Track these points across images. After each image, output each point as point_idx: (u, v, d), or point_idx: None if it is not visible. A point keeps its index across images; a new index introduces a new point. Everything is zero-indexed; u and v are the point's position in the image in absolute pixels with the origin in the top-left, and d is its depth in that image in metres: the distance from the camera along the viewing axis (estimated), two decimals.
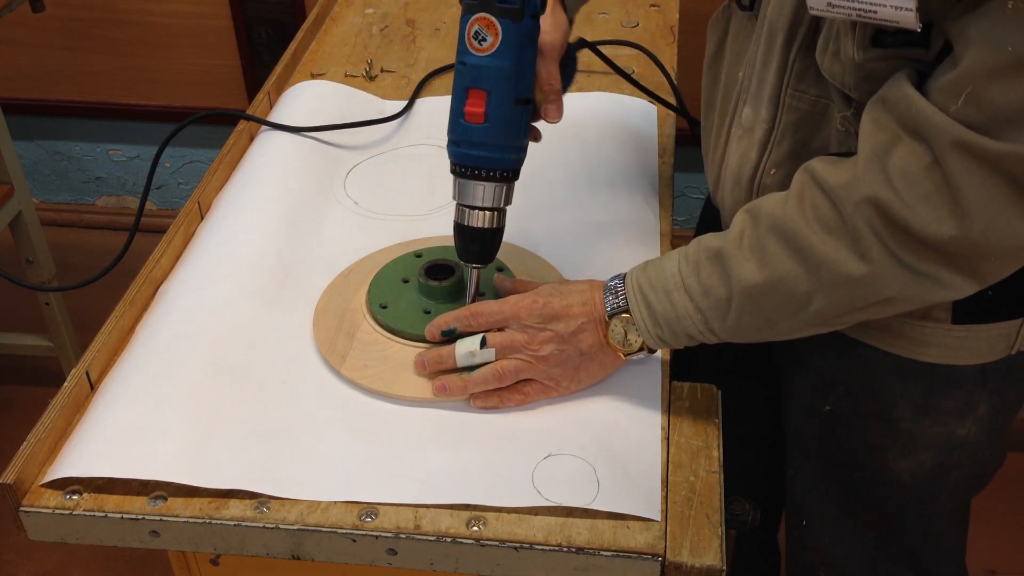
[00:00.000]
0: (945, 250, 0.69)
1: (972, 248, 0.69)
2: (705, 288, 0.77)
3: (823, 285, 0.73)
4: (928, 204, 0.67)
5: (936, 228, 0.68)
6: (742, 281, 0.75)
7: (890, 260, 0.70)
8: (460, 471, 0.77)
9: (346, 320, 0.91)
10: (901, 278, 0.71)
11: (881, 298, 0.73)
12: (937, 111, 0.66)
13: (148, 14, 2.19)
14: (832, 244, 0.71)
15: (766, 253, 0.74)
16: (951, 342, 0.87)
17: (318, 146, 1.17)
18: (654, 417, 0.82)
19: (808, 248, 0.72)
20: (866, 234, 0.70)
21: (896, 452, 0.95)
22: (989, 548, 1.77)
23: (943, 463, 0.95)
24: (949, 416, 0.91)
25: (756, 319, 0.77)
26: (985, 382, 0.89)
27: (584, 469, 0.77)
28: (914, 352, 0.88)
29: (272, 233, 1.01)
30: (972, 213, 0.66)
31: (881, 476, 0.97)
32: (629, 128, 1.20)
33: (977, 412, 0.91)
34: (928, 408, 0.91)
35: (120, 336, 0.92)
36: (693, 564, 0.72)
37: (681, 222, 2.34)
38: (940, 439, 0.93)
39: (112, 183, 2.53)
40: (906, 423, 0.92)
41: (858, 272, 0.71)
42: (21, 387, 2.13)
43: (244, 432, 0.80)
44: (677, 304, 0.78)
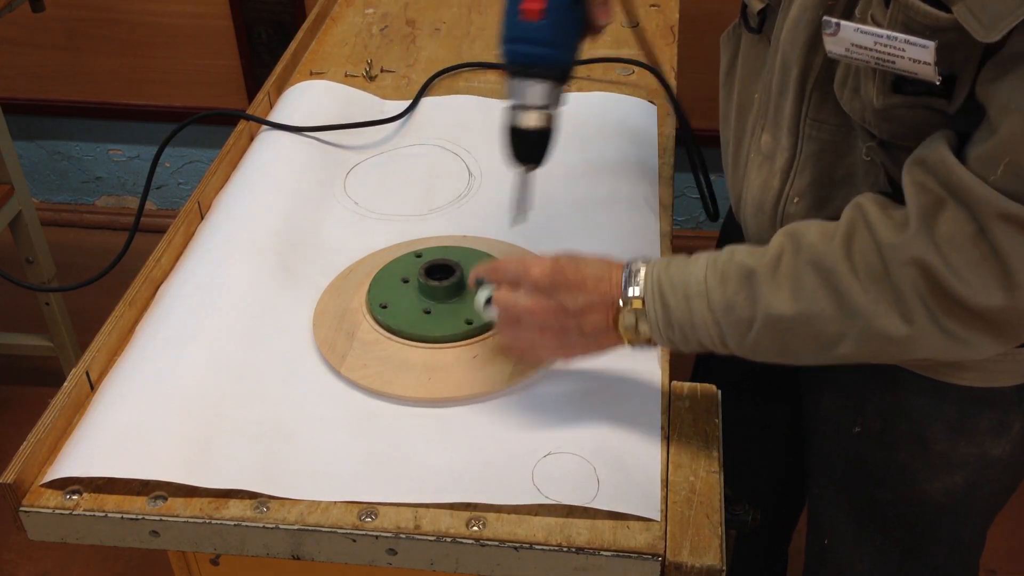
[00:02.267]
0: (991, 319, 0.68)
1: (1019, 316, 0.68)
2: (729, 304, 0.74)
3: (856, 333, 0.71)
4: (976, 273, 0.67)
5: (984, 298, 0.67)
6: (770, 309, 0.73)
7: (931, 324, 0.69)
8: (460, 470, 0.77)
9: (346, 320, 0.91)
10: (939, 342, 0.70)
11: (911, 356, 0.72)
12: (978, 181, 0.65)
13: (148, 14, 2.19)
14: (874, 296, 0.70)
15: (802, 287, 0.72)
16: (989, 365, 0.85)
17: (318, 146, 1.17)
18: (654, 417, 0.82)
19: (848, 293, 0.70)
20: (911, 296, 0.69)
21: (928, 473, 0.93)
22: (989, 548, 1.76)
23: (976, 481, 0.93)
24: (984, 436, 0.90)
25: (776, 347, 0.75)
26: (1021, 399, 0.88)
27: (584, 468, 0.77)
28: (951, 376, 0.87)
29: (272, 233, 1.01)
30: (1021, 283, 0.66)
31: (912, 496, 0.95)
32: (629, 128, 1.20)
33: (1012, 431, 0.90)
34: (963, 429, 0.90)
35: (120, 336, 0.92)
36: (693, 564, 0.72)
37: (681, 222, 2.34)
38: (974, 458, 0.91)
39: (112, 183, 2.53)
40: (940, 444, 0.91)
41: (897, 332, 0.70)
42: (21, 387, 2.13)
43: (244, 432, 0.80)
44: (696, 312, 0.75)
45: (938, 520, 0.97)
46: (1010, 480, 0.97)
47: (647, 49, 1.10)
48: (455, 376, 0.85)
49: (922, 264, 0.68)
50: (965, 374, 0.86)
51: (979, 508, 0.98)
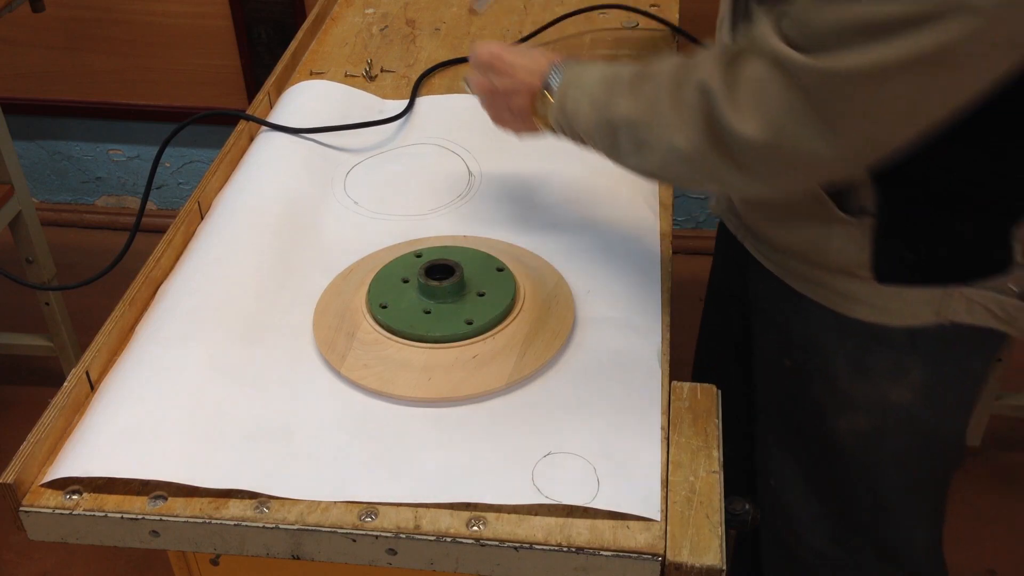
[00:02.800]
0: (747, 151, 0.74)
1: (767, 152, 0.74)
2: (598, 102, 0.85)
3: (654, 141, 0.80)
4: (743, 106, 0.73)
5: (742, 127, 0.73)
6: (619, 108, 0.83)
7: (707, 144, 0.76)
8: (460, 470, 0.78)
9: (346, 320, 0.91)
10: (715, 165, 0.77)
11: (700, 177, 0.81)
12: (770, 31, 0.72)
13: (148, 14, 2.19)
14: (669, 105, 0.78)
15: (649, 95, 0.81)
16: (878, 301, 0.92)
17: (318, 146, 1.17)
18: (654, 417, 0.82)
19: (658, 102, 0.79)
20: (695, 111, 0.76)
21: (836, 409, 0.99)
22: (989, 548, 1.77)
23: (879, 427, 0.98)
24: (881, 377, 0.95)
25: (616, 148, 0.86)
26: (915, 347, 0.93)
27: (584, 468, 0.77)
28: (847, 308, 0.93)
29: (272, 233, 1.01)
30: (771, 118, 0.72)
31: (826, 433, 1.01)
32: None
33: (910, 377, 0.95)
34: (861, 366, 0.96)
35: (120, 336, 0.92)
36: (693, 564, 0.72)
37: (681, 222, 2.34)
38: (874, 400, 0.97)
39: (112, 183, 2.54)
40: (843, 380, 0.97)
41: (680, 144, 0.78)
42: (21, 387, 2.13)
43: (244, 432, 0.81)
44: (580, 106, 0.87)
45: (851, 465, 1.02)
46: (923, 442, 1.00)
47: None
48: (455, 376, 0.85)
49: (704, 88, 0.75)
50: (858, 307, 0.93)
51: (891, 463, 1.01)
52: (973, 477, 1.89)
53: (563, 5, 1.49)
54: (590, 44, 1.38)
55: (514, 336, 0.88)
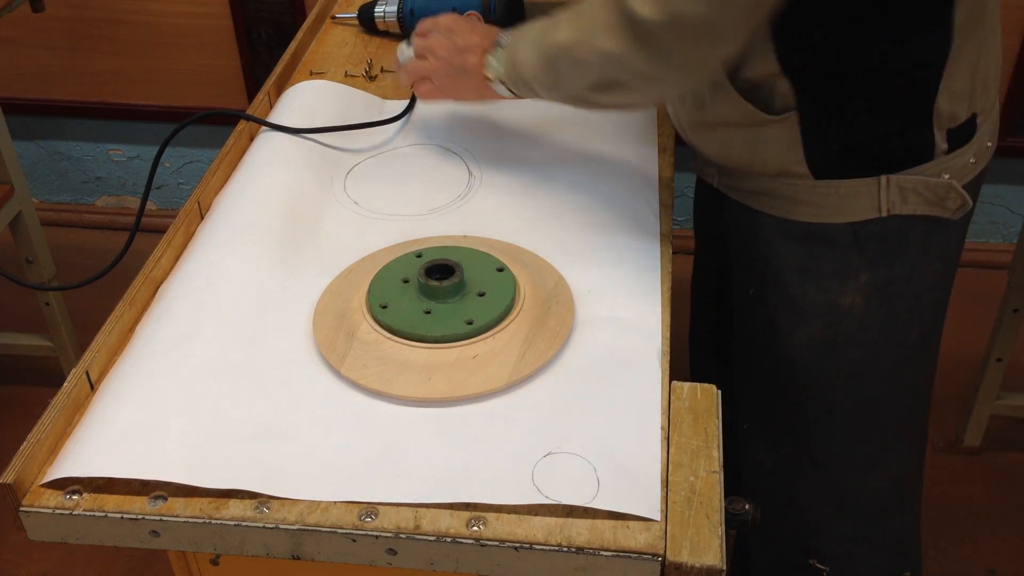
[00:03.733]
0: (651, 31, 0.82)
1: (666, 28, 0.81)
2: (539, 43, 0.95)
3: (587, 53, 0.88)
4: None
5: (643, 10, 0.81)
6: (553, 39, 0.92)
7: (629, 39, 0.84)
8: (460, 470, 0.78)
9: (346, 320, 0.91)
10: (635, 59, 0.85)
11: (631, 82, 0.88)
12: None
13: (148, 14, 2.19)
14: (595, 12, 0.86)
15: (580, 17, 0.89)
16: (817, 199, 0.97)
17: (318, 146, 1.17)
18: (654, 417, 0.82)
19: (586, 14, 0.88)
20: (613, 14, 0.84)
21: (789, 323, 1.03)
22: (989, 548, 1.77)
23: (832, 338, 1.01)
24: (830, 281, 0.99)
25: (555, 77, 0.94)
26: (860, 246, 0.97)
27: (584, 468, 0.77)
28: (790, 211, 0.99)
29: (272, 233, 1.01)
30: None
31: (782, 352, 1.04)
32: (629, 128, 1.20)
33: (859, 279, 0.99)
34: (809, 271, 1.00)
35: (120, 336, 0.92)
36: (693, 564, 0.72)
37: (681, 222, 2.34)
38: (825, 307, 1.01)
39: (112, 183, 2.54)
40: (794, 289, 1.01)
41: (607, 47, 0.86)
42: (21, 387, 2.13)
43: (244, 432, 0.81)
44: (526, 52, 0.97)
45: (807, 384, 1.05)
46: (877, 351, 1.03)
47: None
48: (455, 376, 0.85)
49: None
50: (799, 208, 0.98)
51: (845, 378, 1.04)
52: (973, 477, 1.89)
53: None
54: None
55: (514, 336, 0.88)
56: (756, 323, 1.08)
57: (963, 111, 0.94)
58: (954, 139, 0.94)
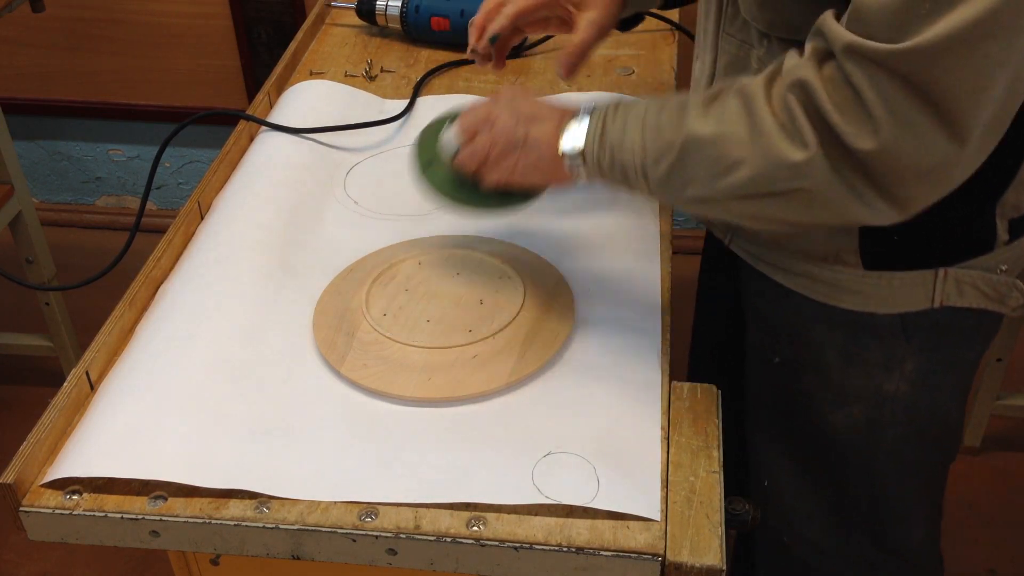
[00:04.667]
0: (866, 163, 0.70)
1: (888, 162, 0.70)
2: (658, 127, 0.78)
3: (756, 153, 0.73)
4: (848, 112, 0.69)
5: (856, 140, 0.69)
6: (692, 130, 0.76)
7: (822, 154, 0.71)
8: (460, 470, 0.78)
9: (346, 320, 0.91)
10: (827, 176, 0.72)
11: (803, 186, 0.73)
12: (835, 23, 0.70)
13: (148, 14, 2.19)
14: (778, 120, 0.73)
15: (725, 111, 0.75)
16: (866, 289, 0.91)
17: (318, 146, 1.17)
18: (654, 417, 0.82)
19: (758, 114, 0.73)
20: (800, 118, 0.71)
21: (829, 402, 0.99)
22: (989, 548, 1.77)
23: (875, 418, 0.98)
24: (874, 368, 0.95)
25: (683, 173, 0.77)
26: (908, 336, 0.92)
27: (584, 468, 0.77)
28: (835, 298, 0.93)
29: (272, 232, 1.01)
30: (880, 120, 0.68)
31: (821, 427, 1.01)
32: None
33: (904, 367, 0.94)
34: (852, 357, 0.95)
35: (120, 336, 0.92)
36: (693, 564, 0.72)
37: (681, 222, 2.34)
38: (868, 391, 0.96)
39: (112, 183, 2.54)
40: (835, 372, 0.97)
41: (792, 155, 0.72)
42: (21, 387, 2.13)
43: (244, 432, 0.81)
44: (628, 132, 0.80)
45: (847, 456, 1.02)
46: (920, 429, 1.00)
47: None
48: (455, 376, 0.85)
49: (804, 84, 0.71)
50: (846, 296, 0.92)
51: (888, 452, 1.01)
52: (973, 477, 1.89)
53: None
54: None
55: (514, 336, 0.88)
56: (785, 393, 1.03)
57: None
58: (1016, 228, 0.89)
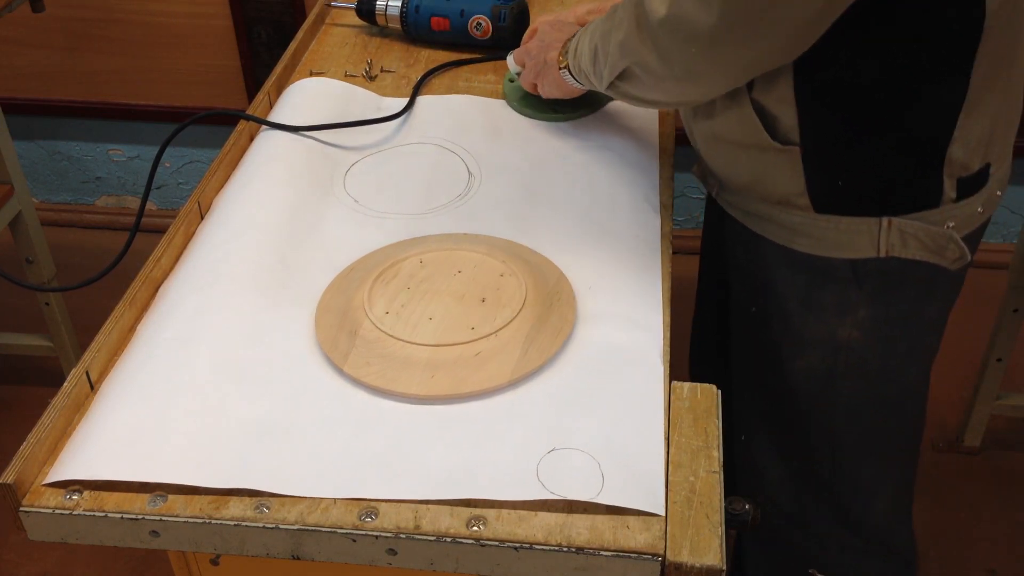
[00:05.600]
0: (655, 26, 0.83)
1: (668, 26, 0.82)
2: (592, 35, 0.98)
3: (610, 48, 0.92)
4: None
5: (652, 6, 0.82)
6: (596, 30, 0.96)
7: (635, 27, 0.86)
8: (464, 466, 0.78)
9: (348, 318, 0.91)
10: (637, 44, 0.87)
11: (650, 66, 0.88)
12: None
13: (148, 14, 2.19)
14: (627, 10, 0.88)
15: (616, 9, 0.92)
16: (816, 232, 0.95)
17: (317, 144, 1.17)
18: (657, 414, 0.82)
19: (621, 10, 0.90)
20: (630, 8, 0.86)
21: (790, 350, 1.03)
22: (989, 548, 1.77)
23: (831, 367, 1.02)
24: (829, 314, 0.99)
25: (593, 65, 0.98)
26: (859, 282, 0.96)
27: (588, 463, 0.77)
28: (791, 240, 0.98)
29: (272, 231, 1.01)
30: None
31: (783, 377, 1.04)
32: (629, 129, 1.20)
33: (857, 314, 0.98)
34: (810, 302, 0.99)
35: (120, 336, 0.92)
36: (693, 564, 0.72)
37: (681, 222, 2.34)
38: (823, 337, 1.00)
39: (112, 183, 2.54)
40: (795, 319, 1.01)
41: (621, 38, 0.89)
42: (21, 387, 2.13)
43: (246, 431, 0.81)
44: (582, 41, 1.01)
45: (808, 412, 1.05)
46: (875, 384, 1.02)
47: None
48: (458, 373, 0.85)
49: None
50: (801, 239, 0.97)
51: (845, 405, 1.04)
52: (973, 477, 1.89)
53: (564, 5, 1.49)
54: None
55: (516, 333, 0.88)
56: (758, 343, 1.08)
57: (977, 161, 0.91)
58: (964, 188, 0.92)
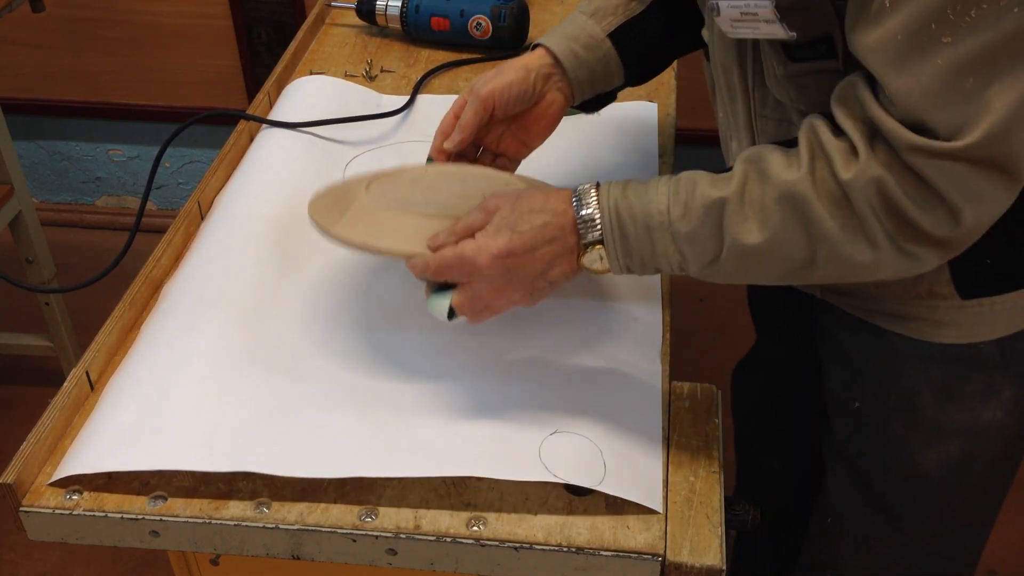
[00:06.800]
0: (941, 243, 0.70)
1: (965, 239, 0.71)
2: (694, 236, 0.74)
3: (823, 257, 0.72)
4: (924, 205, 0.68)
5: (935, 228, 0.69)
6: (739, 241, 0.73)
7: (891, 247, 0.70)
8: (467, 443, 0.78)
9: (343, 199, 0.87)
10: (898, 263, 0.71)
11: (873, 278, 0.74)
12: (887, 116, 0.67)
13: (148, 14, 2.19)
14: (840, 222, 0.70)
15: (769, 217, 0.72)
16: (966, 319, 0.87)
17: (317, 140, 1.17)
18: (655, 415, 0.83)
19: (817, 221, 0.70)
20: (872, 221, 0.69)
21: (922, 444, 0.95)
22: (989, 548, 1.76)
23: (971, 451, 0.95)
24: (972, 400, 0.91)
25: (739, 273, 0.76)
26: (1007, 364, 0.89)
27: (590, 450, 0.77)
28: (932, 334, 0.88)
29: (271, 223, 1.01)
30: (958, 206, 0.67)
31: (909, 472, 0.97)
32: (629, 129, 1.20)
33: (1002, 395, 0.91)
34: (951, 393, 0.91)
35: (120, 336, 0.92)
36: (693, 564, 0.72)
37: None
38: (966, 424, 0.93)
39: (112, 183, 2.54)
40: (929, 410, 0.92)
41: (862, 258, 0.71)
42: (21, 387, 2.13)
43: (247, 416, 0.81)
44: (657, 243, 0.75)
45: (934, 494, 0.99)
46: (1007, 452, 0.98)
47: None
48: None
49: (880, 183, 0.68)
50: (944, 330, 0.88)
51: (975, 479, 0.98)
52: None
53: (564, 5, 1.49)
54: None
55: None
56: (866, 437, 0.99)
57: None
58: None
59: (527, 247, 0.76)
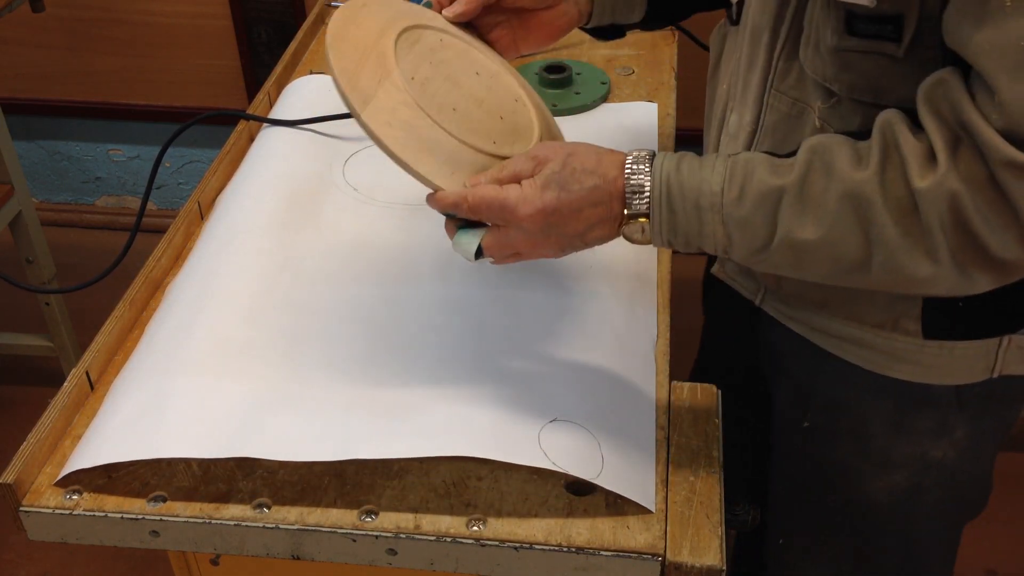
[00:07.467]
0: (1004, 266, 0.67)
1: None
2: (746, 222, 0.70)
3: (877, 263, 0.68)
4: (997, 224, 0.65)
5: (1003, 251, 0.65)
6: (792, 234, 0.69)
7: (952, 263, 0.67)
8: (466, 426, 0.78)
9: (371, 60, 0.75)
10: (954, 279, 0.68)
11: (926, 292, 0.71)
12: (986, 125, 0.63)
13: (148, 14, 2.19)
14: (903, 230, 0.66)
15: (828, 213, 0.68)
16: (924, 359, 0.84)
17: (317, 136, 1.17)
18: (649, 414, 0.83)
19: (879, 226, 0.67)
20: (937, 233, 0.65)
21: (870, 472, 0.93)
22: (989, 548, 1.77)
23: (919, 484, 0.93)
24: (922, 436, 0.89)
25: (785, 265, 0.72)
26: (962, 405, 0.87)
27: (589, 440, 0.77)
28: (887, 368, 0.86)
29: (272, 217, 1.02)
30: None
31: (857, 497, 0.95)
32: (629, 129, 1.20)
33: (954, 435, 0.89)
34: (901, 426, 0.89)
35: (120, 336, 0.92)
36: (693, 564, 0.72)
37: None
38: (914, 459, 0.91)
39: (112, 183, 2.53)
40: (879, 440, 0.91)
41: (920, 272, 0.67)
42: (21, 387, 2.13)
43: (249, 404, 0.81)
44: (706, 224, 0.71)
45: (884, 524, 0.96)
46: (960, 492, 0.96)
47: None
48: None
49: (955, 198, 0.64)
50: (901, 366, 0.85)
51: (927, 515, 0.96)
52: None
53: None
54: (589, 43, 1.37)
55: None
56: (813, 457, 0.97)
57: None
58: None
59: (573, 208, 0.73)
